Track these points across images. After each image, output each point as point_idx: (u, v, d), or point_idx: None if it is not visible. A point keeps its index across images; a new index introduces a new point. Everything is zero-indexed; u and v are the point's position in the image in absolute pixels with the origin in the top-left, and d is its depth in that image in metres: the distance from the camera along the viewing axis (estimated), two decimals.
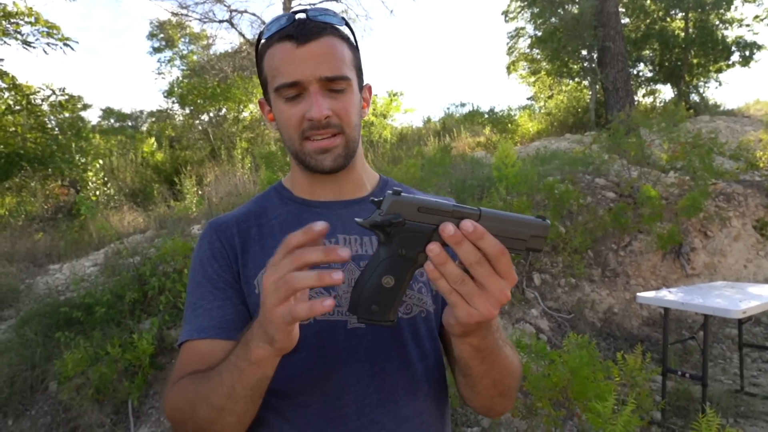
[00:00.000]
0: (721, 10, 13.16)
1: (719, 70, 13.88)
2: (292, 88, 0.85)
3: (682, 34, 13.69)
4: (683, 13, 13.67)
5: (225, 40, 32.58)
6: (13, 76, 7.68)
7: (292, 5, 12.72)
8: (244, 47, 13.70)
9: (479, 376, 0.79)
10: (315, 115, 0.84)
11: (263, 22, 12.93)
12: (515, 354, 0.87)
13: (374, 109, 11.78)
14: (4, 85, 7.73)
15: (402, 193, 0.61)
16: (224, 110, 10.96)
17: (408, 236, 0.61)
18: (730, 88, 36.89)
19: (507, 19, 14.74)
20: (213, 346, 0.83)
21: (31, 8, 7.41)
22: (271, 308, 0.61)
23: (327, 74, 0.85)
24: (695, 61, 13.92)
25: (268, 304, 0.62)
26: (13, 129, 7.91)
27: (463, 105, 14.66)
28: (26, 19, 7.45)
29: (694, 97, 14.28)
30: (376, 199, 0.63)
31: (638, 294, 3.52)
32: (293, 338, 0.66)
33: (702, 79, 14.39)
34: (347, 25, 0.92)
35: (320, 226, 0.60)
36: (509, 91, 64.46)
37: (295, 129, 0.88)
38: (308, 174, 0.95)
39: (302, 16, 0.87)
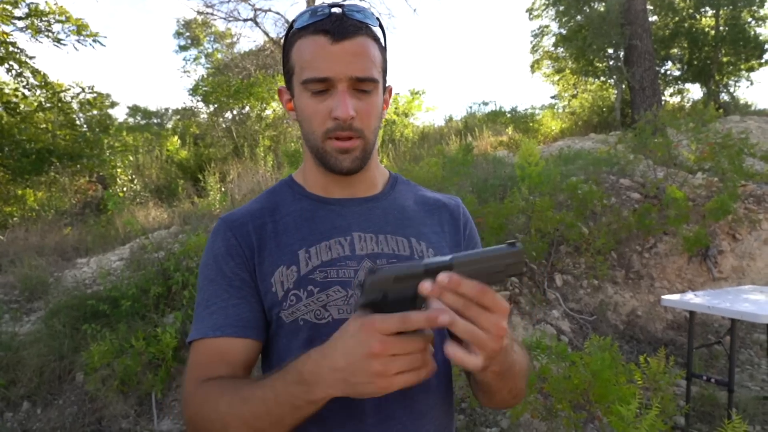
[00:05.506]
0: (754, 7, 12.83)
1: (751, 69, 13.55)
2: (320, 83, 0.85)
3: (712, 32, 13.37)
4: (714, 10, 13.36)
5: (249, 39, 32.95)
6: (44, 74, 7.89)
7: (316, 3, 12.78)
8: (268, 45, 13.81)
9: (498, 390, 0.82)
10: (342, 115, 0.84)
11: (287, 21, 13.03)
12: (523, 351, 0.88)
13: (396, 108, 11.76)
14: (36, 83, 7.95)
15: (377, 270, 0.65)
16: (247, 108, 11.07)
17: (395, 305, 0.65)
18: (762, 88, 35.70)
19: (531, 16, 14.60)
20: (231, 345, 0.85)
21: (62, 6, 7.60)
22: (387, 376, 0.63)
23: (358, 74, 0.85)
24: (725, 59, 13.59)
25: (387, 372, 0.63)
26: (44, 126, 8.13)
27: (485, 104, 14.49)
28: (57, 17, 7.65)
29: (724, 97, 13.96)
30: (360, 281, 0.68)
31: (663, 297, 3.44)
32: None
33: (732, 77, 14.06)
34: (380, 25, 0.92)
35: (445, 319, 0.61)
36: (533, 90, 63.70)
37: (320, 125, 0.87)
38: (323, 171, 0.94)
39: (338, 10, 0.86)
